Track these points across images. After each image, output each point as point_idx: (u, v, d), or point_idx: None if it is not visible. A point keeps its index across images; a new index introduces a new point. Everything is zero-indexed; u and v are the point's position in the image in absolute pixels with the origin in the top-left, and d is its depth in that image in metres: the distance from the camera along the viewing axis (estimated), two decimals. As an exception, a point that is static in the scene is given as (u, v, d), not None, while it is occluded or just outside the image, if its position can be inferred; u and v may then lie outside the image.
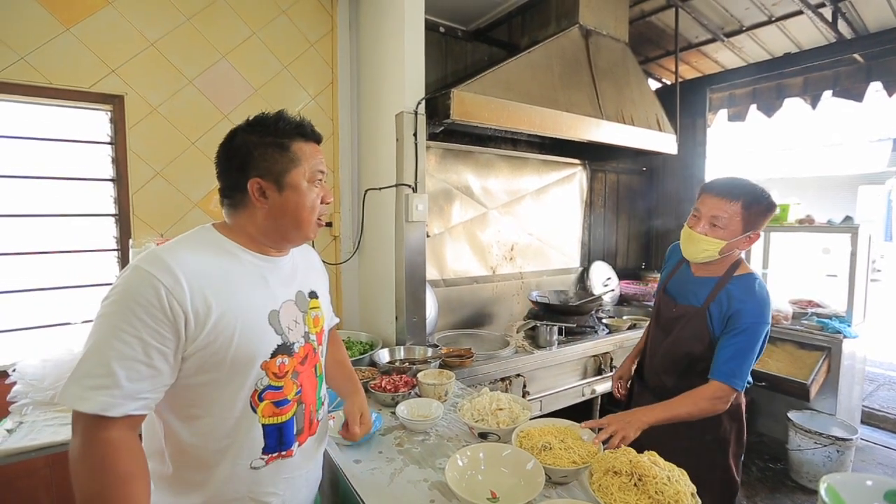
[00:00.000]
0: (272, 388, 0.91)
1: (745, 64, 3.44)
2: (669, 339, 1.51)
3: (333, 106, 2.43)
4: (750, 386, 1.36)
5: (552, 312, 2.63)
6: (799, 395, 2.61)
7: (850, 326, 2.83)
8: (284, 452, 0.94)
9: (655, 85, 3.85)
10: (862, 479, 1.01)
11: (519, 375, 2.26)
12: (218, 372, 0.84)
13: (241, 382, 0.87)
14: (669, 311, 1.53)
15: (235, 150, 0.92)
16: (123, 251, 1.93)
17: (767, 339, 1.36)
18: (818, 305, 3.20)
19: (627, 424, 1.23)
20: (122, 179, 1.91)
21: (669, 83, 3.80)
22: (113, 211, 1.93)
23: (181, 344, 0.80)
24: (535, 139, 3.05)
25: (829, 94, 3.28)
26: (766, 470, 2.85)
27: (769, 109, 3.57)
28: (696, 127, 3.56)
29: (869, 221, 3.03)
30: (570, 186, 3.40)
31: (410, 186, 2.04)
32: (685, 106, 3.30)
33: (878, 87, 3.06)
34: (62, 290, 1.86)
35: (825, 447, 2.56)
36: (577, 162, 3.39)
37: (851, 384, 2.93)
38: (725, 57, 3.48)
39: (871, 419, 3.52)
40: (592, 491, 1.00)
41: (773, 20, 2.93)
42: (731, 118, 3.84)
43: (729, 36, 3.17)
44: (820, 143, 11.87)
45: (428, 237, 2.25)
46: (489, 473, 1.10)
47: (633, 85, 2.76)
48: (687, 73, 3.69)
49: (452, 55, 2.76)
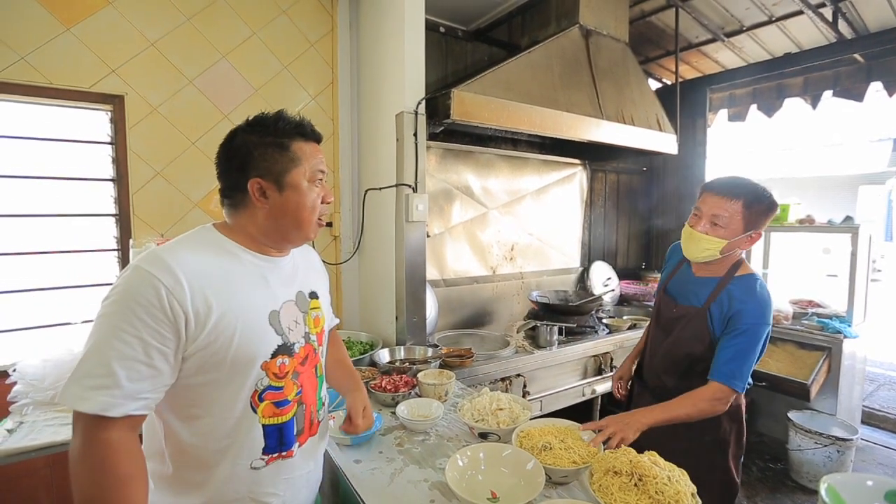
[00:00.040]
0: (272, 388, 0.91)
1: (745, 64, 3.44)
2: (670, 339, 1.50)
3: (334, 106, 2.43)
4: (750, 387, 1.36)
5: (552, 312, 2.63)
6: (799, 395, 2.61)
7: (850, 326, 2.83)
8: (285, 453, 0.94)
9: (656, 85, 3.85)
10: (862, 479, 1.01)
11: (519, 375, 2.26)
12: (218, 372, 0.84)
13: (241, 383, 0.87)
14: (670, 311, 1.53)
15: (235, 150, 0.92)
16: (124, 251, 1.93)
17: (768, 340, 1.36)
18: (818, 305, 3.20)
19: (626, 426, 1.23)
20: (122, 179, 1.91)
21: (670, 83, 3.80)
22: (113, 211, 1.93)
23: (181, 344, 0.80)
24: (535, 139, 3.05)
25: (829, 94, 3.28)
26: (766, 470, 2.85)
27: (769, 109, 3.56)
28: (696, 127, 3.56)
29: (869, 221, 3.03)
30: (570, 186, 3.39)
31: (411, 186, 2.04)
32: (685, 106, 3.30)
33: (878, 87, 3.06)
34: (62, 290, 1.86)
35: (825, 447, 2.56)
36: (577, 162, 3.39)
37: (852, 384, 2.93)
38: (726, 57, 3.48)
39: (871, 419, 3.52)
40: (593, 491, 1.00)
41: (773, 20, 2.93)
42: (731, 118, 3.84)
43: (729, 36, 3.17)
44: (820, 143, 11.87)
45: (428, 237, 2.25)
46: (489, 473, 1.10)
47: (633, 85, 2.76)
48: (687, 73, 3.69)
49: (452, 55, 2.76)
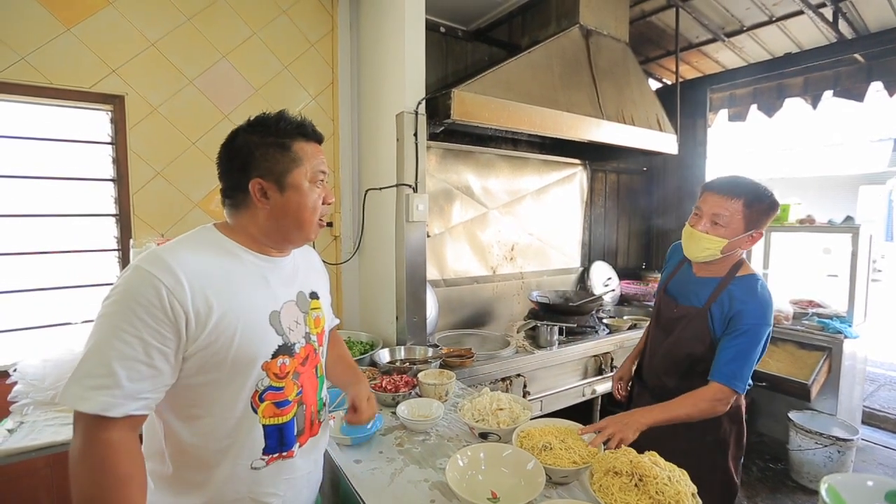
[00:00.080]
0: (273, 388, 0.91)
1: (745, 64, 3.44)
2: (670, 339, 1.50)
3: (334, 106, 2.43)
4: (750, 387, 1.36)
5: (553, 312, 2.63)
6: (800, 395, 2.61)
7: (850, 327, 2.83)
8: (285, 453, 0.94)
9: (656, 85, 3.85)
10: (863, 479, 1.01)
11: (519, 375, 2.26)
12: (219, 372, 0.84)
13: (241, 383, 0.87)
14: (670, 311, 1.53)
15: (237, 150, 0.92)
16: (124, 251, 1.93)
17: (769, 340, 1.36)
18: (819, 305, 3.20)
19: (625, 426, 1.23)
20: (122, 179, 1.91)
21: (670, 83, 3.79)
22: (113, 211, 1.93)
23: (182, 344, 0.80)
24: (535, 139, 3.05)
25: (829, 94, 3.28)
26: (766, 470, 2.85)
27: (770, 109, 3.56)
28: (696, 127, 3.56)
29: (870, 221, 3.03)
30: (570, 186, 3.39)
31: (411, 186, 2.04)
32: (685, 106, 3.30)
33: (878, 86, 3.06)
34: (63, 290, 1.86)
35: (826, 447, 2.56)
36: (577, 162, 3.39)
37: (852, 384, 2.93)
38: (726, 57, 3.48)
39: (871, 419, 3.52)
40: (593, 491, 0.99)
41: (773, 20, 2.93)
42: (731, 118, 3.84)
43: (729, 36, 3.17)
44: (820, 143, 11.86)
45: (428, 237, 2.25)
46: (490, 473, 1.09)
47: (633, 85, 2.76)
48: (687, 73, 3.69)
49: (453, 55, 2.76)
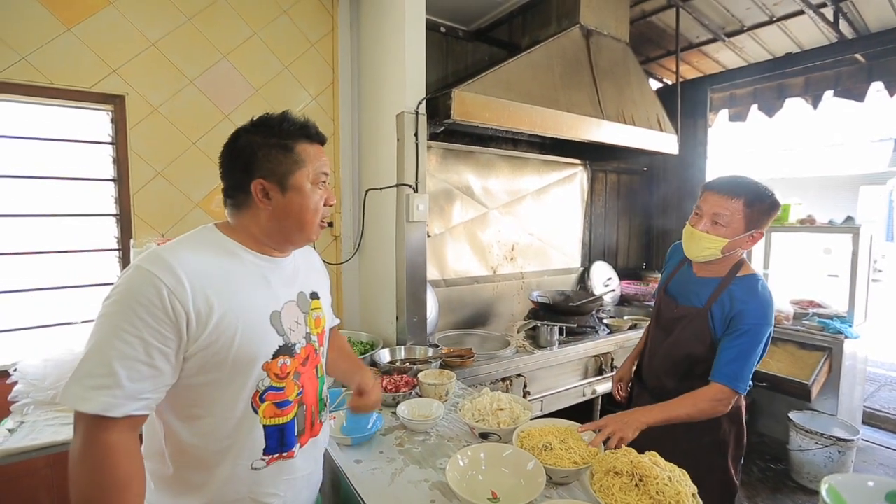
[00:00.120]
0: (274, 388, 0.91)
1: (746, 64, 3.43)
2: (670, 339, 1.50)
3: (334, 106, 2.43)
4: (751, 388, 1.36)
5: (553, 312, 2.63)
6: (800, 395, 2.61)
7: (851, 327, 2.83)
8: (286, 453, 0.94)
9: (656, 85, 3.85)
10: (863, 479, 1.01)
11: (520, 375, 2.26)
12: (219, 372, 0.84)
13: (242, 383, 0.87)
14: (670, 311, 1.52)
15: (239, 150, 0.92)
16: (124, 251, 1.93)
17: (770, 341, 1.35)
18: (819, 306, 3.20)
19: (625, 425, 1.23)
20: (123, 179, 1.91)
21: (670, 83, 3.79)
22: (114, 211, 1.93)
23: (183, 344, 0.80)
24: (535, 139, 3.05)
25: (830, 94, 3.28)
26: (767, 470, 2.85)
27: (770, 109, 3.56)
28: (696, 127, 3.56)
29: (870, 222, 3.02)
30: (570, 186, 3.39)
31: (411, 186, 2.04)
32: (686, 106, 3.30)
33: (879, 87, 3.06)
34: (63, 289, 1.86)
35: (826, 448, 2.56)
36: (577, 162, 3.39)
37: (853, 385, 2.93)
38: (726, 57, 3.48)
39: (872, 420, 3.52)
40: (593, 491, 0.99)
41: (774, 20, 2.93)
42: (731, 118, 3.84)
43: (730, 36, 3.16)
44: (821, 143, 11.86)
45: (429, 237, 2.25)
46: (490, 474, 1.09)
47: (633, 85, 2.76)
48: (688, 73, 3.69)
49: (453, 55, 2.76)
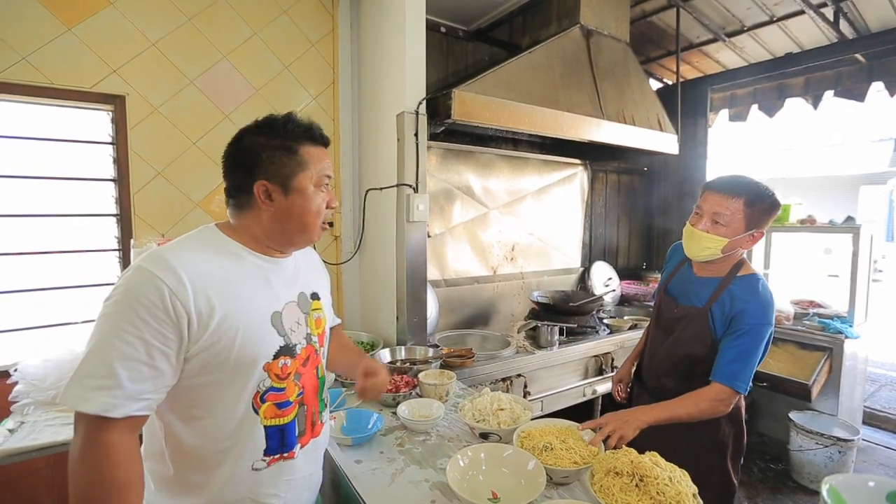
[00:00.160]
0: (274, 389, 0.91)
1: (746, 64, 3.43)
2: (670, 339, 1.50)
3: (334, 106, 2.43)
4: (751, 388, 1.35)
5: (553, 312, 2.63)
6: (800, 395, 2.61)
7: (851, 327, 2.83)
8: (286, 454, 0.94)
9: (656, 85, 3.85)
10: (864, 480, 1.01)
11: (520, 375, 2.26)
12: (220, 373, 0.84)
13: (243, 384, 0.87)
14: (671, 311, 1.52)
15: (243, 150, 0.91)
16: (125, 251, 1.93)
17: (771, 341, 1.35)
18: (820, 306, 3.20)
19: (625, 424, 1.23)
20: (123, 179, 1.91)
21: (670, 83, 3.79)
22: (114, 211, 1.93)
23: (184, 345, 0.79)
24: (535, 139, 3.05)
25: (830, 94, 3.28)
26: (767, 470, 2.85)
27: (770, 109, 3.56)
28: (697, 127, 3.56)
29: (870, 222, 3.02)
30: (571, 186, 3.39)
31: (411, 186, 2.04)
32: (686, 106, 3.30)
33: (879, 87, 3.05)
34: (63, 290, 1.86)
35: (826, 448, 2.56)
36: (578, 162, 3.39)
37: (853, 385, 2.93)
38: (727, 57, 3.48)
39: (872, 420, 3.52)
40: (594, 492, 0.99)
41: (774, 20, 2.93)
42: (732, 118, 3.83)
43: (730, 36, 3.16)
44: (821, 143, 11.86)
45: (429, 237, 2.25)
46: (490, 474, 1.09)
47: (634, 85, 2.76)
48: (688, 73, 3.69)
49: (453, 55, 2.76)
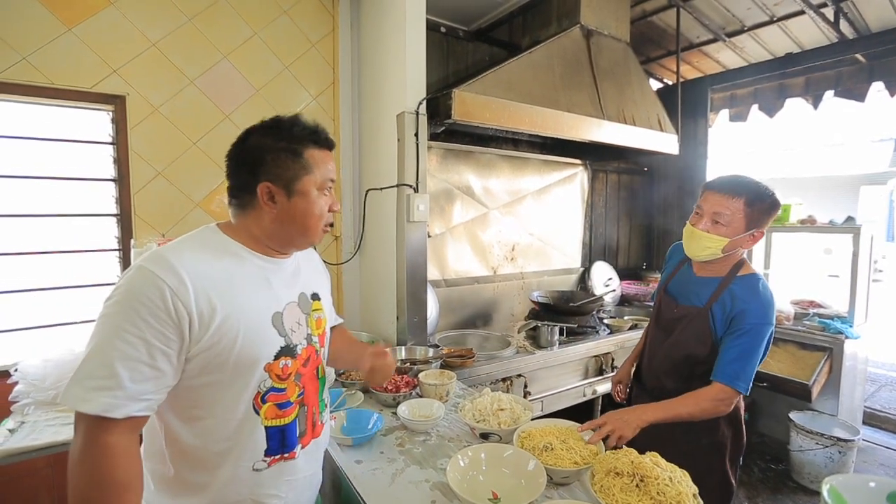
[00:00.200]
0: (275, 390, 0.91)
1: (746, 64, 3.43)
2: (670, 340, 1.49)
3: (335, 106, 2.43)
4: (751, 389, 1.35)
5: (553, 313, 2.63)
6: (800, 395, 2.61)
7: (851, 327, 2.83)
8: (287, 455, 0.94)
9: (657, 85, 3.84)
10: (865, 480, 1.01)
11: (520, 376, 2.26)
12: (221, 373, 0.84)
13: (244, 384, 0.87)
14: (671, 311, 1.52)
15: (248, 151, 0.91)
16: (125, 251, 1.93)
17: (771, 341, 1.35)
18: (820, 306, 3.20)
19: (625, 424, 1.23)
20: (123, 179, 1.91)
21: (671, 83, 3.79)
22: (114, 211, 1.93)
23: (185, 345, 0.79)
24: (536, 139, 3.05)
25: (830, 94, 3.28)
26: (767, 471, 2.85)
27: (771, 109, 3.56)
28: (697, 127, 3.56)
29: (871, 222, 3.02)
30: (571, 186, 3.39)
31: (412, 186, 2.04)
32: (686, 106, 3.30)
33: (879, 87, 3.05)
34: (64, 290, 1.86)
35: (827, 448, 2.56)
36: (578, 162, 3.39)
37: (853, 385, 2.93)
38: (727, 57, 3.48)
39: (872, 420, 3.52)
40: (594, 492, 0.99)
41: (774, 20, 2.93)
42: (732, 118, 3.83)
43: (730, 36, 3.16)
44: (822, 143, 11.86)
45: (429, 237, 2.25)
46: (490, 474, 1.09)
47: (634, 85, 2.76)
48: (688, 73, 3.69)
49: (454, 55, 2.76)
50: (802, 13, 2.76)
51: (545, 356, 2.36)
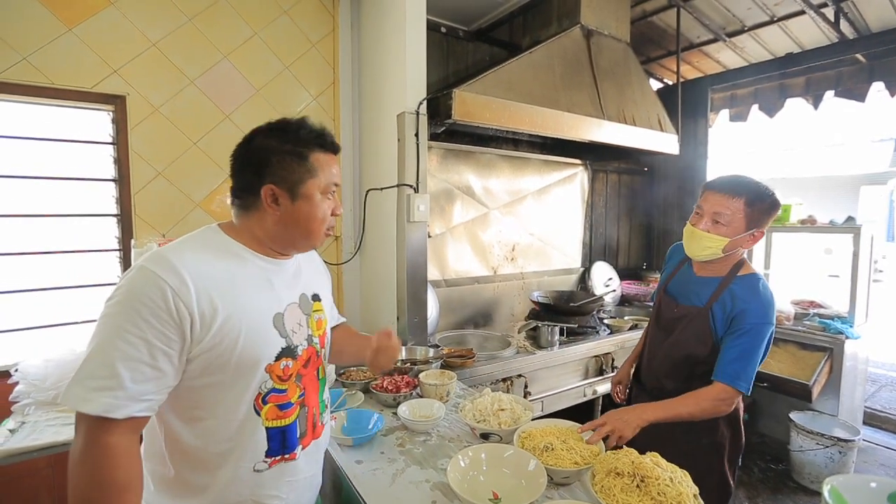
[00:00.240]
0: (276, 390, 0.91)
1: (746, 64, 3.43)
2: (670, 340, 1.49)
3: (335, 106, 2.43)
4: (751, 389, 1.35)
5: (553, 313, 2.63)
6: (801, 395, 2.61)
7: (852, 327, 2.83)
8: (288, 455, 0.94)
9: (657, 85, 3.84)
10: (865, 480, 1.01)
11: (520, 376, 2.26)
12: (222, 374, 0.84)
13: (245, 385, 0.87)
14: (671, 311, 1.52)
15: (253, 152, 0.91)
16: (125, 251, 1.93)
17: (772, 340, 1.35)
18: (820, 306, 3.20)
19: (625, 423, 1.23)
20: (123, 179, 1.91)
21: (671, 83, 3.79)
22: (115, 211, 1.93)
23: (186, 346, 0.79)
24: (536, 139, 3.05)
25: (831, 94, 3.27)
26: (767, 471, 2.85)
27: (771, 109, 3.56)
28: (697, 127, 3.56)
29: (871, 222, 3.02)
30: (571, 186, 3.39)
31: (412, 187, 2.04)
32: (687, 106, 3.30)
33: (880, 87, 3.05)
34: (64, 290, 1.86)
35: (827, 448, 2.56)
36: (578, 162, 3.39)
37: (853, 385, 2.93)
38: (727, 57, 3.48)
39: (873, 420, 3.52)
40: (595, 492, 0.99)
41: (774, 20, 2.93)
42: (732, 118, 3.83)
43: (731, 36, 3.16)
44: (822, 143, 11.86)
45: (429, 237, 2.25)
46: (491, 474, 1.09)
47: (634, 85, 2.76)
48: (688, 73, 3.69)
49: (454, 55, 2.76)
50: (803, 13, 2.76)
51: (545, 356, 2.36)
